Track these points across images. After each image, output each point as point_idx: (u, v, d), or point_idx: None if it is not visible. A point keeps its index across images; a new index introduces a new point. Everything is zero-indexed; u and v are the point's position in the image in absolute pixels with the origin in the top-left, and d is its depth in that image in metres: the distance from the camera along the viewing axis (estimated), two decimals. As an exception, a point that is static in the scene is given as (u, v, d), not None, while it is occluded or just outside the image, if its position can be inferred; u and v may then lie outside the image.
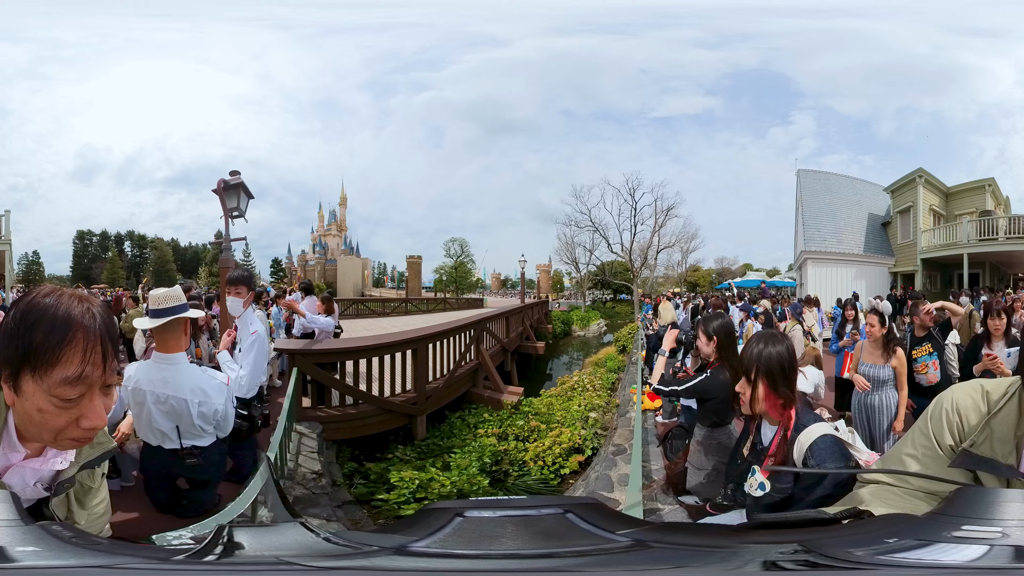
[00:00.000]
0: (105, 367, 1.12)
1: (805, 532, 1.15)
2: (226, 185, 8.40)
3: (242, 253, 56.22)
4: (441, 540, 0.97)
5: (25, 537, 0.89)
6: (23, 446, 1.23)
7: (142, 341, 9.85)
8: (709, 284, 55.04)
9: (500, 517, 1.05)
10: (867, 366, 5.41)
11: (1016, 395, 1.36)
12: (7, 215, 24.58)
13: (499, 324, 17.26)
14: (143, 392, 3.57)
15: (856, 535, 1.08)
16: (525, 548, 0.97)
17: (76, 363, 1.07)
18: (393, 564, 0.90)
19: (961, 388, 1.46)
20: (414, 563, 0.91)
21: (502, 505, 1.11)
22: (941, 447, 1.40)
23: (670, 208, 43.23)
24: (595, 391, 12.25)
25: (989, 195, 26.50)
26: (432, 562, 0.92)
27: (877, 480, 1.47)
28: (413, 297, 52.41)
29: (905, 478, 1.40)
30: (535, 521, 1.06)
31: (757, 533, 1.15)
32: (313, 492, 6.28)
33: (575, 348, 30.83)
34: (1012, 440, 1.31)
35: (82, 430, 1.14)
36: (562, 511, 1.07)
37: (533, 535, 1.02)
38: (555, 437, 8.95)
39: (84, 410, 1.12)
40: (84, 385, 1.10)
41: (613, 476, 6.47)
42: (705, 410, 4.21)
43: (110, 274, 61.01)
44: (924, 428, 1.46)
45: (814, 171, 32.48)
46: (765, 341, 2.31)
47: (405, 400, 9.74)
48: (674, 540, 1.05)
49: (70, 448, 1.24)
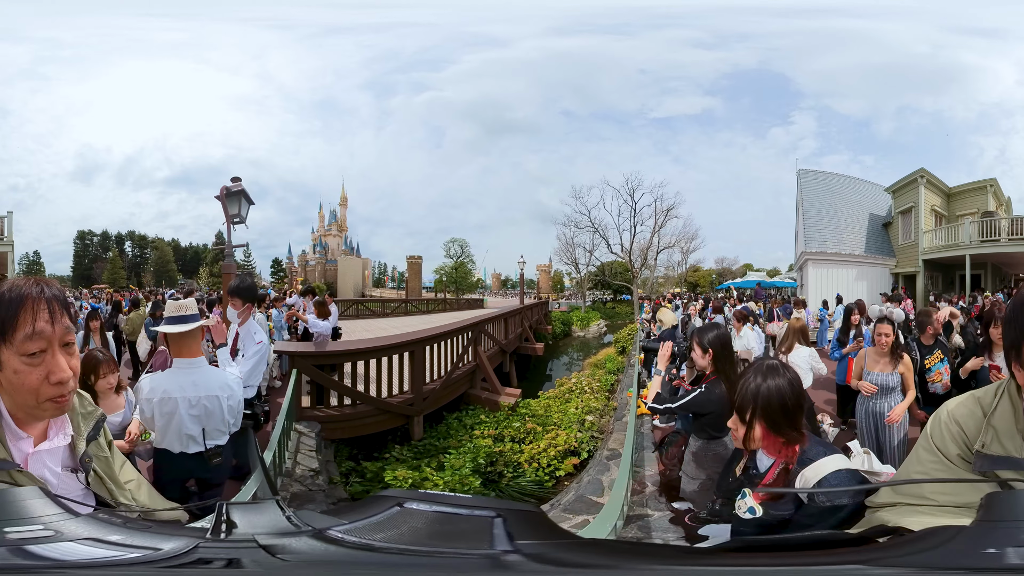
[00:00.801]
0: (53, 323, 1.35)
1: (797, 555, 1.11)
2: (228, 192, 8.48)
3: (242, 254, 56.17)
4: (360, 527, 1.03)
5: (79, 527, 1.02)
6: (23, 431, 1.43)
7: (146, 343, 9.96)
8: (710, 284, 55.06)
9: (432, 511, 1.09)
10: (875, 375, 5.19)
11: (1006, 391, 1.39)
12: (9, 216, 24.53)
13: (497, 326, 17.28)
14: (174, 400, 3.58)
15: (917, 554, 1.01)
16: (400, 543, 1.00)
17: (29, 321, 1.32)
18: (295, 545, 0.97)
19: (953, 401, 1.50)
20: (310, 545, 0.98)
21: (442, 500, 1.13)
22: (948, 458, 1.42)
23: (670, 208, 43.21)
24: (593, 393, 12.25)
25: (991, 195, 26.37)
26: (322, 547, 0.98)
27: (894, 502, 1.44)
28: (413, 297, 52.47)
29: (929, 497, 1.36)
30: (459, 520, 1.08)
31: (726, 556, 1.12)
32: (310, 489, 6.34)
33: (575, 349, 30.81)
34: (1017, 434, 1.34)
35: (53, 386, 1.36)
36: (495, 515, 1.07)
37: (436, 533, 1.04)
38: (551, 439, 8.96)
39: (50, 366, 1.35)
40: (42, 340, 1.33)
41: (605, 480, 6.46)
42: (701, 424, 4.16)
43: (111, 274, 61.03)
44: (927, 445, 1.48)
45: (815, 171, 32.39)
46: (764, 374, 2.00)
47: (402, 401, 9.82)
48: (556, 557, 1.02)
49: (52, 413, 1.44)
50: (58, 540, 0.97)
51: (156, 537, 1.03)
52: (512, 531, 1.03)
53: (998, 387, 1.42)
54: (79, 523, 1.04)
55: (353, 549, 0.98)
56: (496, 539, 1.02)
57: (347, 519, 1.06)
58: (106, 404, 4.18)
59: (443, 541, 1.02)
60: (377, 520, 1.06)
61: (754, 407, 1.95)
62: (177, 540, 0.99)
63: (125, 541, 1.01)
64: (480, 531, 1.04)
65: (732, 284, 40.69)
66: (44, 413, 1.42)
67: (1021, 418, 1.35)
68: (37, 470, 1.43)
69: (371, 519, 1.06)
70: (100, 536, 1.00)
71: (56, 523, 1.02)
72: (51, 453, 1.50)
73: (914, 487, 1.42)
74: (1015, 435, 1.33)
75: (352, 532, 1.02)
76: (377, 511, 1.08)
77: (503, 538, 1.02)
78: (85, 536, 1.00)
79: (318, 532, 1.01)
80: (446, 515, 1.09)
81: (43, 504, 1.06)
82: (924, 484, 1.40)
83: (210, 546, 0.98)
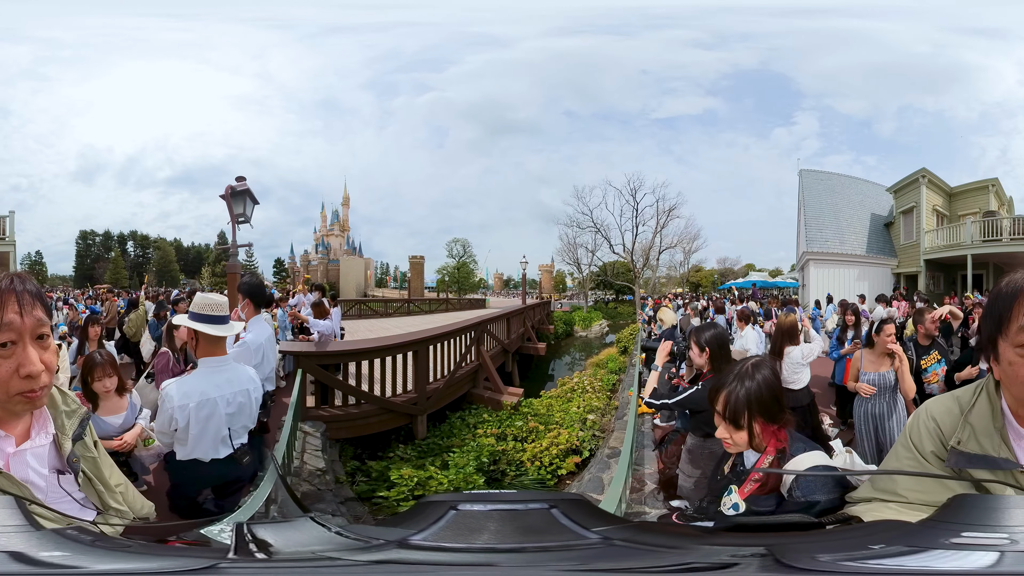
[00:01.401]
0: (23, 315, 1.33)
1: (781, 536, 1.18)
2: (233, 191, 8.51)
3: (245, 254, 56.32)
4: (436, 533, 1.04)
5: (40, 543, 0.93)
6: (1, 429, 1.41)
7: (150, 344, 9.97)
8: (711, 284, 55.09)
9: (489, 511, 1.11)
10: (872, 375, 5.18)
11: (984, 390, 1.39)
12: (11, 216, 24.39)
13: (500, 325, 17.31)
14: (213, 401, 3.43)
15: (836, 541, 1.09)
16: (502, 542, 1.02)
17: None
18: (399, 556, 0.97)
19: (933, 400, 1.53)
20: (414, 555, 0.98)
21: (493, 499, 1.16)
22: (923, 455, 1.43)
23: (672, 209, 43.23)
24: (595, 393, 12.30)
25: (993, 195, 26.25)
26: (427, 555, 0.98)
27: (871, 497, 1.46)
28: (415, 297, 52.53)
29: (900, 494, 1.38)
30: (520, 516, 1.11)
31: (726, 535, 1.19)
32: (318, 488, 6.41)
33: (577, 349, 30.81)
34: (995, 432, 1.33)
35: (23, 380, 1.33)
36: (548, 506, 1.11)
37: (514, 530, 1.07)
38: (553, 438, 9.03)
39: (20, 359, 1.32)
40: (11, 331, 1.31)
41: (605, 479, 6.54)
42: (697, 421, 4.19)
43: (113, 274, 61.16)
44: (905, 442, 1.50)
45: (816, 171, 32.29)
46: (742, 377, 2.04)
47: (406, 400, 9.87)
48: (640, 540, 1.07)
49: (24, 407, 1.40)
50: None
51: (170, 559, 1.00)
52: (575, 519, 1.07)
53: (977, 385, 1.42)
54: (39, 537, 0.94)
55: (456, 552, 0.98)
56: (572, 528, 1.05)
57: (410, 528, 1.05)
58: (106, 406, 4.16)
59: (527, 535, 1.05)
60: (446, 524, 1.06)
61: (749, 409, 1.97)
62: (179, 561, 0.96)
63: (85, 566, 0.90)
64: (548, 522, 1.07)
65: (733, 284, 40.72)
66: (16, 407, 1.38)
67: (999, 416, 1.34)
68: (20, 471, 1.40)
69: (438, 524, 1.06)
70: (66, 555, 0.90)
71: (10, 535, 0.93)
72: (35, 453, 1.46)
73: (888, 483, 1.43)
74: (992, 433, 1.33)
75: (433, 538, 1.02)
76: (436, 516, 1.08)
77: (576, 526, 1.05)
78: (45, 553, 0.89)
79: (401, 543, 1.00)
80: (508, 512, 1.11)
81: (7, 515, 0.99)
82: (898, 480, 1.41)
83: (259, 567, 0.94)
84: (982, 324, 1.38)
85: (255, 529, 1.04)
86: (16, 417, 1.43)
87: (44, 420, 1.51)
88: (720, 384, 2.08)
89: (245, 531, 1.03)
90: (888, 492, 1.41)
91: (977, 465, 1.30)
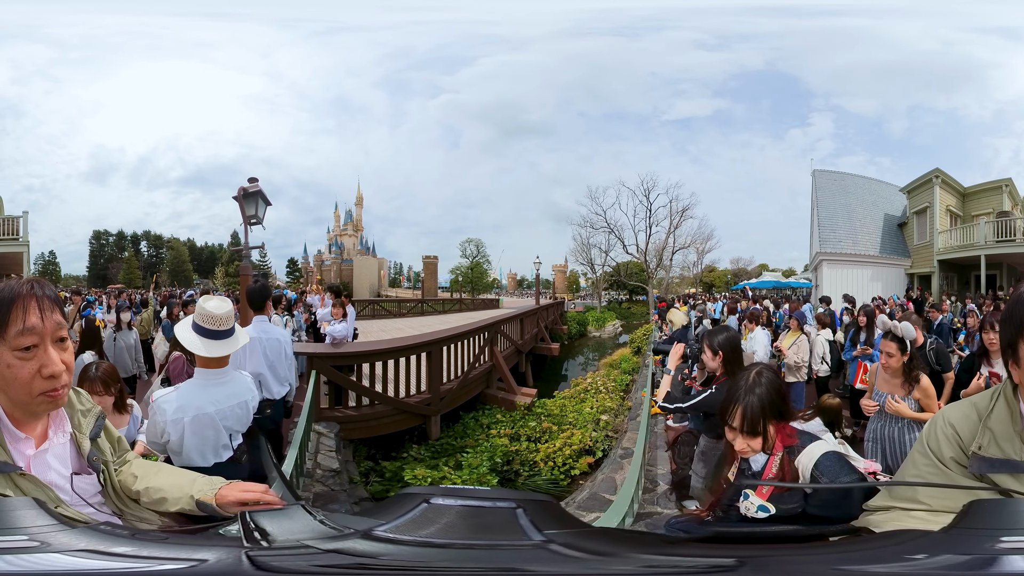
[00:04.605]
0: (44, 319, 1.39)
1: (761, 548, 1.17)
2: (245, 193, 8.57)
3: (258, 254, 56.62)
4: (399, 525, 1.06)
5: (72, 539, 1.01)
6: (21, 431, 1.45)
7: (164, 345, 10.02)
8: (725, 284, 54.86)
9: (459, 506, 1.12)
10: (884, 396, 4.43)
11: (1002, 394, 1.39)
12: (25, 216, 24.58)
13: (513, 326, 17.33)
14: (209, 416, 3.25)
15: (840, 554, 1.06)
16: (453, 539, 1.04)
17: (21, 317, 1.36)
18: (352, 547, 1.00)
19: (949, 406, 1.53)
20: (370, 547, 1.00)
21: (465, 495, 1.17)
22: (943, 461, 1.41)
23: (685, 209, 43.22)
24: (608, 393, 12.35)
25: (1006, 196, 26.03)
26: (376, 546, 1.00)
27: (887, 506, 1.44)
28: (429, 298, 52.55)
29: (923, 501, 1.35)
30: (484, 513, 1.12)
31: (693, 546, 1.17)
32: (332, 489, 6.47)
33: (590, 349, 30.80)
34: (1015, 436, 1.32)
35: (45, 380, 1.39)
36: (515, 506, 1.12)
37: (470, 527, 1.08)
38: (566, 438, 9.08)
39: (42, 360, 1.38)
40: (34, 335, 1.37)
41: (618, 479, 6.57)
42: (711, 423, 4.21)
43: (126, 274, 61.77)
44: (922, 449, 1.49)
45: (829, 171, 32.05)
46: (751, 388, 2.06)
47: (419, 401, 9.92)
48: (580, 546, 1.05)
49: (47, 407, 1.46)
50: (42, 551, 0.95)
51: (185, 549, 1.04)
52: (535, 520, 1.09)
53: (994, 390, 1.42)
54: (74, 534, 1.02)
55: (409, 547, 1.00)
56: (526, 529, 1.07)
57: (382, 519, 1.08)
58: None
59: (481, 533, 1.07)
60: (413, 517, 1.08)
61: (764, 415, 2.01)
62: (214, 551, 0.99)
63: (135, 553, 0.99)
64: (507, 522, 1.09)
65: (748, 284, 40.55)
66: (39, 407, 1.44)
67: (1018, 420, 1.34)
68: (41, 472, 1.45)
69: (406, 517, 1.08)
70: (100, 548, 0.98)
71: (45, 534, 0.99)
72: (55, 454, 1.52)
73: (908, 491, 1.41)
74: (1013, 437, 1.32)
75: (396, 531, 1.05)
76: (407, 509, 1.10)
77: (531, 527, 1.07)
78: (80, 548, 0.98)
79: (365, 533, 1.03)
80: (475, 508, 1.13)
81: (34, 515, 1.05)
82: (918, 488, 1.38)
83: (261, 554, 0.97)
84: (1002, 328, 1.38)
85: (256, 518, 1.10)
86: (36, 418, 1.48)
87: (60, 420, 1.56)
88: (731, 400, 2.10)
89: (248, 520, 1.09)
90: (908, 500, 1.39)
91: (1000, 469, 1.30)
